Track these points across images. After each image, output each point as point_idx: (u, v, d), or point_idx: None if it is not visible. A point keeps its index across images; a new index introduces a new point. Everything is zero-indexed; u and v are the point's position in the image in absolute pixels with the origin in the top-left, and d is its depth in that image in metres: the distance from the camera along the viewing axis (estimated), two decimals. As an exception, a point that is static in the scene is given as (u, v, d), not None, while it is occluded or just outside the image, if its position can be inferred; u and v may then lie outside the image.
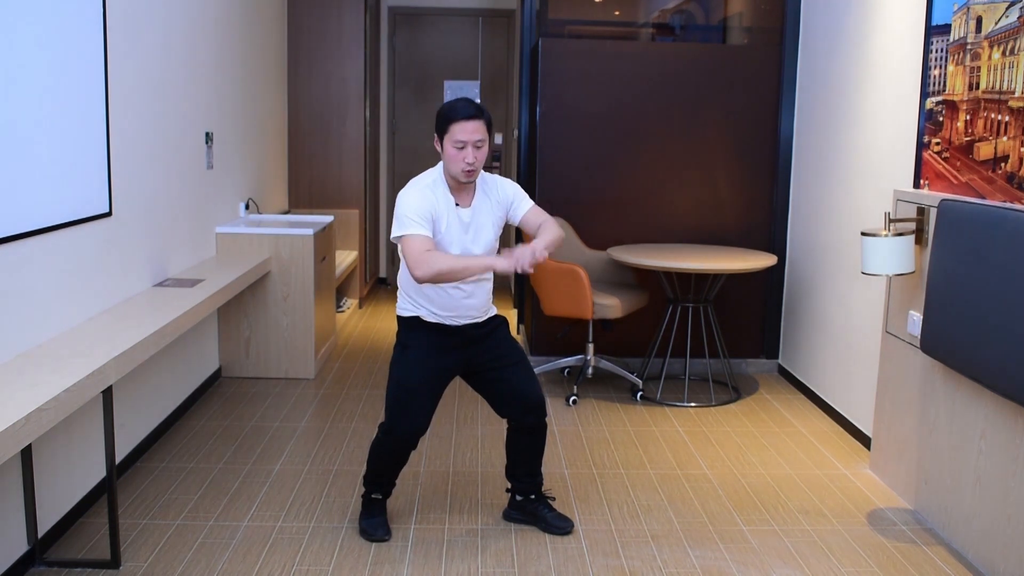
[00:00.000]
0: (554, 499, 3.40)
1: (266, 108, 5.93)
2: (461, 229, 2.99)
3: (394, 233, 2.91)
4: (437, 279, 2.85)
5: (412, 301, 3.06)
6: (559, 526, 3.24)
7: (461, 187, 3.01)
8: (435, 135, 2.98)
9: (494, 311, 3.21)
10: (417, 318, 3.05)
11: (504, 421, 3.28)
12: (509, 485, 3.33)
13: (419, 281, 2.85)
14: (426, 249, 2.84)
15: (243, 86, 5.30)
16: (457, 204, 3.00)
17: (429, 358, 3.05)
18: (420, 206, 2.90)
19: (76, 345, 2.90)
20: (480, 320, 3.12)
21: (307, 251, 4.93)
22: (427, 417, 3.06)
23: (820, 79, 4.75)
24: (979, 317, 2.89)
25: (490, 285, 3.13)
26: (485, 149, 2.94)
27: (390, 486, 3.24)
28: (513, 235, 6.78)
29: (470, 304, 3.05)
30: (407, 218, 2.88)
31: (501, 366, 3.14)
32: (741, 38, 6.12)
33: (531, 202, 3.12)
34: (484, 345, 3.13)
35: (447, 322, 3.05)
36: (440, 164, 3.03)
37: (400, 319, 3.11)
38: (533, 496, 3.29)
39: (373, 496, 3.22)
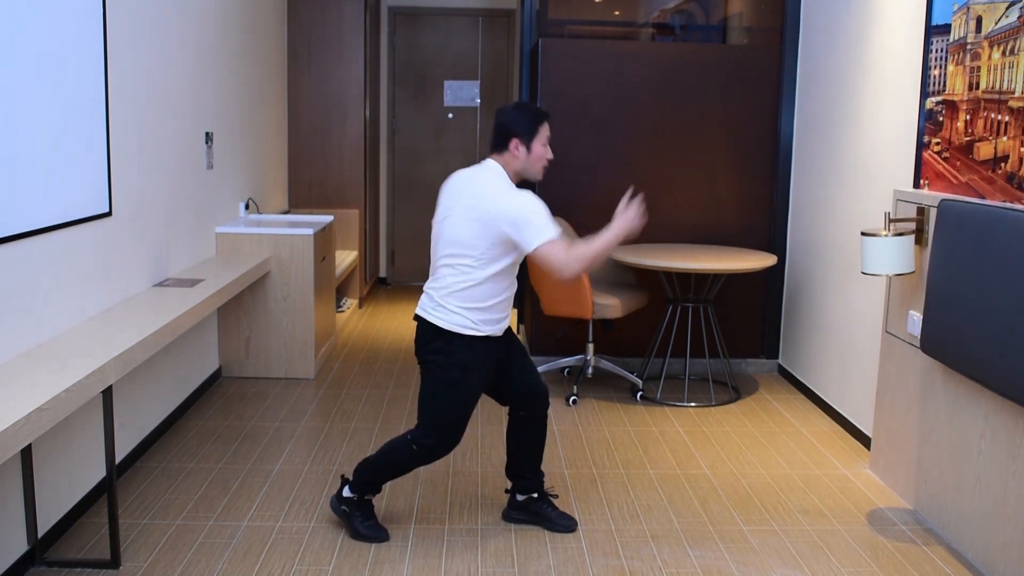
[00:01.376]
0: (556, 496, 3.40)
1: (266, 108, 5.93)
2: None
3: (539, 240, 2.82)
4: (586, 270, 2.93)
5: (469, 316, 2.95)
6: (564, 524, 3.25)
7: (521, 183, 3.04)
8: (514, 138, 2.95)
9: None
10: (475, 336, 2.96)
11: (503, 422, 3.28)
12: (509, 485, 3.33)
13: (569, 278, 2.88)
14: (567, 248, 2.86)
15: (243, 86, 5.30)
16: None
17: (486, 376, 3.05)
18: (539, 205, 2.88)
19: (76, 345, 2.90)
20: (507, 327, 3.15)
21: (307, 251, 4.93)
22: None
23: (820, 79, 4.75)
24: (979, 317, 2.89)
25: None
26: None
27: (381, 488, 3.22)
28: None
29: (512, 304, 3.10)
30: (544, 221, 2.84)
31: (512, 358, 3.16)
32: (741, 38, 6.12)
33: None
34: (506, 346, 3.14)
35: (495, 333, 3.03)
36: (489, 164, 3.00)
37: (452, 334, 2.95)
38: (536, 495, 3.29)
39: (366, 498, 3.18)
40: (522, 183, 3.05)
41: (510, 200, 2.87)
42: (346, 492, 3.18)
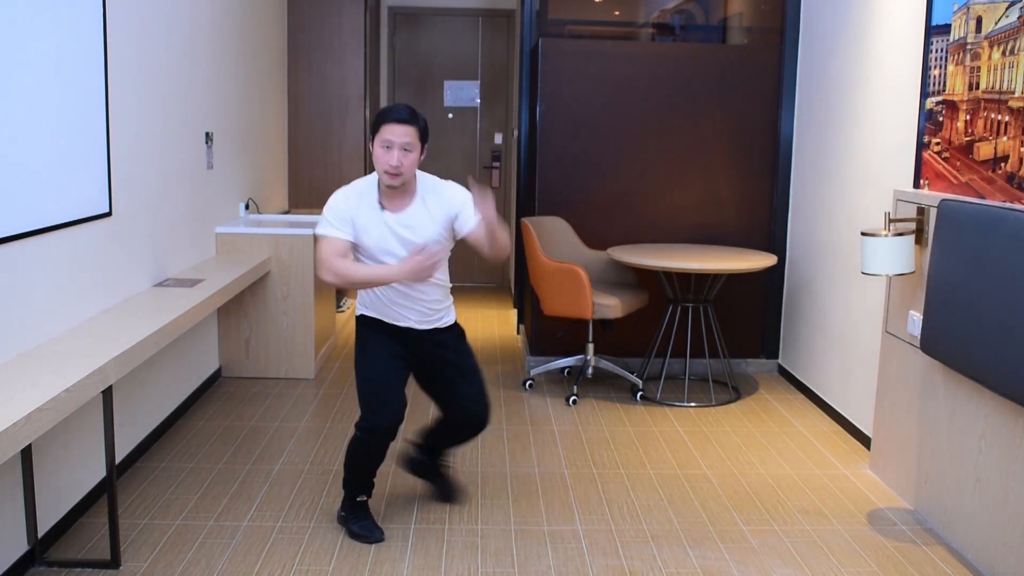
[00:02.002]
0: (450, 468, 3.54)
1: (266, 108, 5.93)
2: (393, 236, 2.99)
3: (317, 229, 3.01)
4: (345, 285, 2.96)
5: (362, 300, 3.18)
6: (455, 498, 3.43)
7: (394, 192, 2.98)
8: (371, 137, 3.00)
9: (448, 321, 3.22)
10: (363, 316, 3.17)
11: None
12: (413, 439, 3.45)
13: (326, 282, 2.99)
14: (337, 253, 2.92)
15: (243, 86, 5.30)
16: (385, 209, 2.99)
17: (384, 347, 3.10)
18: (340, 209, 2.98)
19: (76, 345, 2.90)
20: (426, 328, 3.14)
21: (307, 251, 4.93)
22: (402, 406, 3.04)
23: (820, 79, 4.75)
24: (979, 317, 2.89)
25: (435, 292, 3.13)
26: (414, 156, 2.93)
27: (371, 486, 3.22)
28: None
29: (412, 312, 3.11)
30: (325, 220, 2.98)
31: (450, 379, 3.18)
32: (741, 38, 6.12)
33: (478, 218, 2.98)
34: (433, 355, 3.18)
35: (388, 322, 3.14)
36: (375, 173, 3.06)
37: (357, 318, 3.22)
38: (428, 462, 3.46)
39: (359, 499, 3.19)
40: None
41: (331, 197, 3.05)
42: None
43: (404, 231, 3.00)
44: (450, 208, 3.06)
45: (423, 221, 3.02)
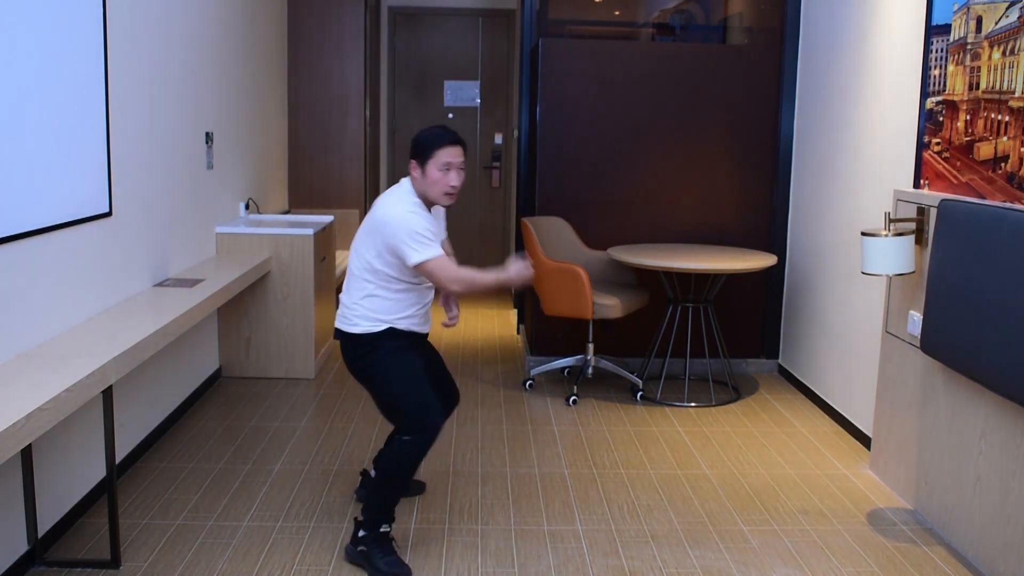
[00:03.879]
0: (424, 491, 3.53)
1: (266, 108, 5.93)
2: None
3: (418, 256, 2.91)
4: (468, 291, 3.01)
5: (381, 319, 3.05)
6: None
7: (429, 210, 3.10)
8: (413, 161, 3.02)
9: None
10: (391, 328, 3.06)
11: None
12: (371, 467, 3.42)
13: (455, 293, 3.09)
14: (453, 265, 2.98)
15: (243, 86, 5.30)
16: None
17: (410, 357, 3.08)
18: (427, 227, 2.97)
19: (76, 345, 2.90)
20: (427, 331, 3.27)
21: (307, 251, 4.93)
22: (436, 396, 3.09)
23: (820, 79, 4.75)
24: (979, 317, 2.89)
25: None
26: (463, 174, 3.06)
27: (393, 513, 3.03)
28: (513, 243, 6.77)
29: (428, 313, 3.23)
30: (423, 240, 2.93)
31: (436, 364, 3.30)
32: (741, 38, 6.12)
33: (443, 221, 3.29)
34: (427, 347, 3.30)
35: (417, 329, 3.17)
36: (405, 186, 3.07)
37: (366, 336, 3.04)
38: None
39: (382, 530, 2.96)
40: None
41: (398, 215, 2.96)
42: (361, 533, 2.96)
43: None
44: (440, 218, 3.26)
45: (442, 226, 3.25)
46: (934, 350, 3.17)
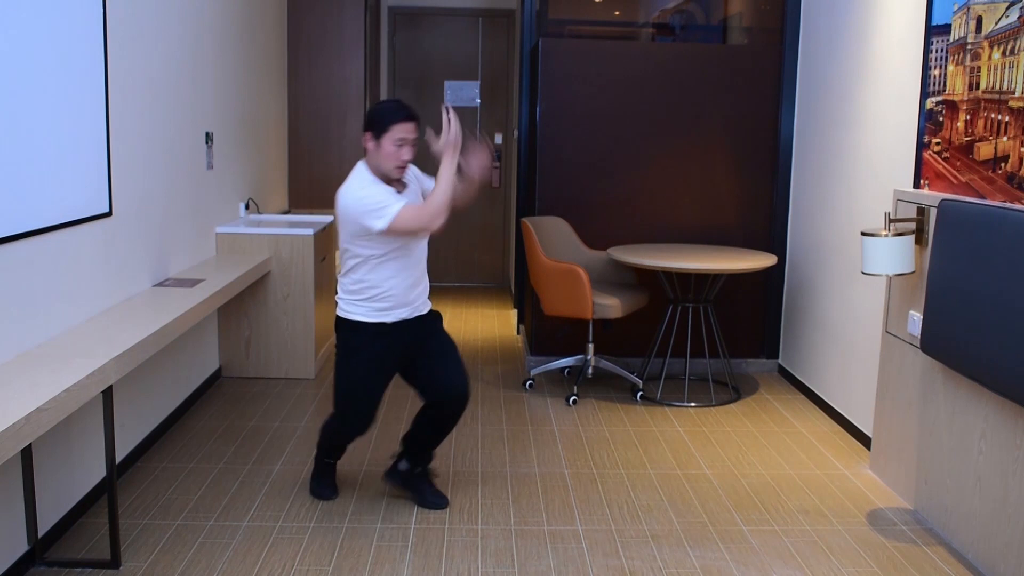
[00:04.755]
0: (437, 476, 3.58)
1: (266, 108, 5.93)
2: None
3: (382, 222, 3.05)
4: (447, 206, 3.06)
5: (357, 303, 3.22)
6: (435, 502, 3.39)
7: (390, 183, 3.19)
8: (367, 133, 3.14)
9: (428, 308, 3.38)
10: (361, 321, 3.22)
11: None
12: (399, 449, 3.47)
13: (440, 223, 3.06)
14: (414, 205, 3.08)
15: (243, 86, 5.30)
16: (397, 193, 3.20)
17: (374, 358, 3.23)
18: (380, 196, 3.10)
19: (76, 345, 2.90)
20: (421, 314, 3.30)
21: (307, 251, 4.93)
22: (374, 416, 3.30)
23: (820, 79, 4.75)
24: (979, 317, 2.89)
25: (426, 278, 3.34)
26: (415, 149, 3.19)
27: (341, 451, 3.49)
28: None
29: (417, 294, 3.27)
30: (383, 204, 3.06)
31: (430, 355, 3.29)
32: (741, 38, 6.12)
33: (430, 178, 3.29)
34: (417, 335, 3.30)
35: (389, 319, 3.22)
36: (357, 170, 3.21)
37: (343, 321, 3.26)
38: (419, 470, 3.44)
39: (327, 461, 3.48)
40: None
41: (355, 195, 3.11)
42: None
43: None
44: (417, 177, 3.35)
45: (413, 194, 3.28)
46: (934, 350, 3.17)
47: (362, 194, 3.10)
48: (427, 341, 3.30)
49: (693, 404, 4.74)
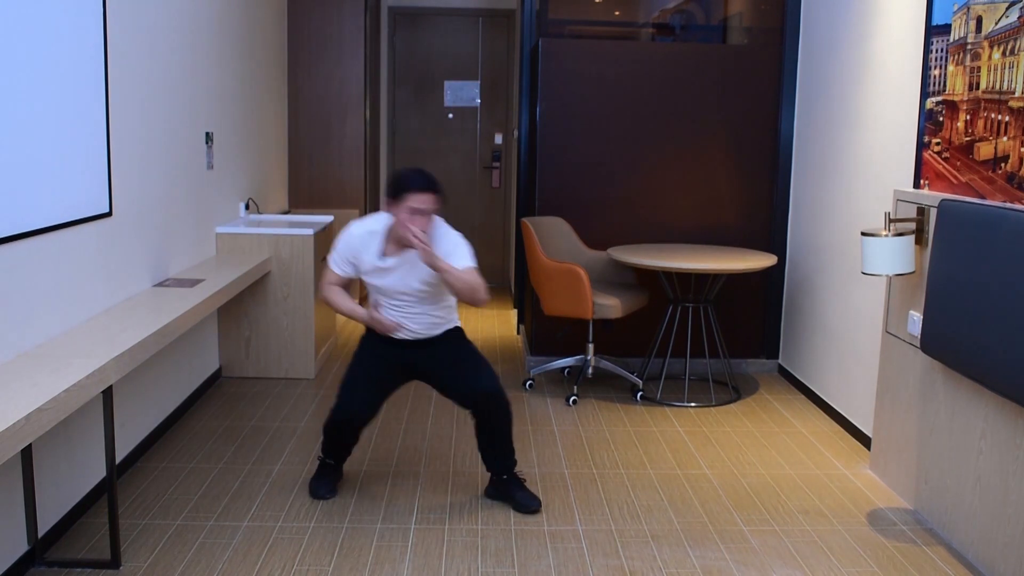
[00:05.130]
0: (525, 479, 3.55)
1: (266, 108, 5.93)
2: (381, 275, 3.30)
3: (328, 258, 3.41)
4: (330, 307, 3.45)
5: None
6: (527, 504, 3.40)
7: (400, 242, 3.28)
8: (386, 198, 3.21)
9: (448, 326, 3.46)
10: (368, 332, 3.48)
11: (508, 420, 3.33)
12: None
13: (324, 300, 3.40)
14: (332, 283, 3.39)
15: (243, 86, 5.30)
16: (384, 255, 3.29)
17: (372, 355, 3.43)
18: (346, 251, 3.35)
19: (76, 345, 2.90)
20: (429, 336, 3.41)
21: (307, 251, 4.93)
22: (365, 407, 3.37)
23: (820, 79, 4.75)
24: (979, 317, 2.89)
25: (435, 312, 3.38)
26: (434, 219, 3.25)
27: (340, 458, 3.56)
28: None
29: (414, 326, 3.37)
30: (333, 255, 3.38)
31: (449, 365, 3.39)
32: (741, 38, 6.12)
33: (467, 263, 3.23)
34: (427, 351, 3.41)
35: (392, 336, 3.40)
36: (384, 214, 3.30)
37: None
38: (505, 476, 3.46)
39: (327, 460, 3.56)
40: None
41: (346, 228, 3.38)
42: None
43: (396, 269, 3.29)
44: (444, 249, 3.28)
45: (423, 267, 3.28)
46: (934, 350, 3.17)
47: (348, 230, 3.35)
48: (440, 356, 3.41)
49: (693, 404, 4.74)
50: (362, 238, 3.33)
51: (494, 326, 6.52)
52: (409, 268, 3.28)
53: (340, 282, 3.41)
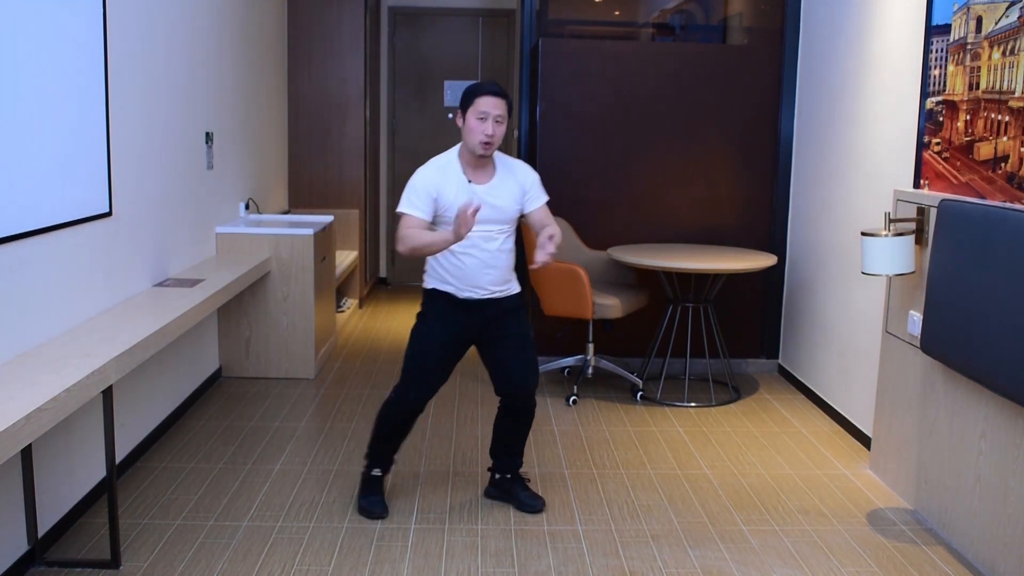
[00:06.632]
0: (529, 480, 3.53)
1: (266, 108, 5.93)
2: (485, 206, 3.05)
3: (399, 208, 3.13)
4: (412, 254, 3.08)
5: (433, 274, 3.23)
6: (530, 504, 3.38)
7: (478, 164, 3.16)
8: (459, 111, 3.16)
9: (514, 289, 3.30)
10: (435, 289, 3.23)
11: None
12: (491, 463, 3.50)
13: (400, 255, 3.16)
14: (409, 227, 3.07)
15: (243, 86, 5.30)
16: (471, 182, 3.14)
17: (443, 327, 3.22)
18: (424, 187, 3.11)
19: (76, 345, 2.90)
20: (497, 296, 3.23)
21: (307, 251, 4.93)
22: (438, 383, 3.25)
23: (820, 79, 4.75)
24: (979, 317, 2.89)
25: (508, 258, 3.23)
26: (504, 127, 3.12)
27: (390, 462, 3.41)
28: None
29: (489, 278, 3.18)
30: (405, 198, 3.12)
31: (505, 346, 3.27)
32: (741, 38, 6.12)
33: (545, 198, 3.27)
34: (497, 322, 3.25)
35: (462, 295, 3.19)
36: (457, 145, 3.20)
37: (423, 291, 3.29)
38: (509, 476, 3.45)
39: (373, 473, 3.37)
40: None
41: (416, 172, 3.18)
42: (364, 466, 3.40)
43: (494, 200, 3.15)
44: (524, 183, 3.25)
45: (509, 191, 3.20)
46: (934, 350, 3.17)
47: (417, 176, 3.15)
48: (504, 328, 3.25)
49: (693, 404, 4.73)
50: (439, 170, 3.14)
51: (494, 326, 6.52)
52: (503, 195, 3.15)
53: (420, 225, 3.10)
